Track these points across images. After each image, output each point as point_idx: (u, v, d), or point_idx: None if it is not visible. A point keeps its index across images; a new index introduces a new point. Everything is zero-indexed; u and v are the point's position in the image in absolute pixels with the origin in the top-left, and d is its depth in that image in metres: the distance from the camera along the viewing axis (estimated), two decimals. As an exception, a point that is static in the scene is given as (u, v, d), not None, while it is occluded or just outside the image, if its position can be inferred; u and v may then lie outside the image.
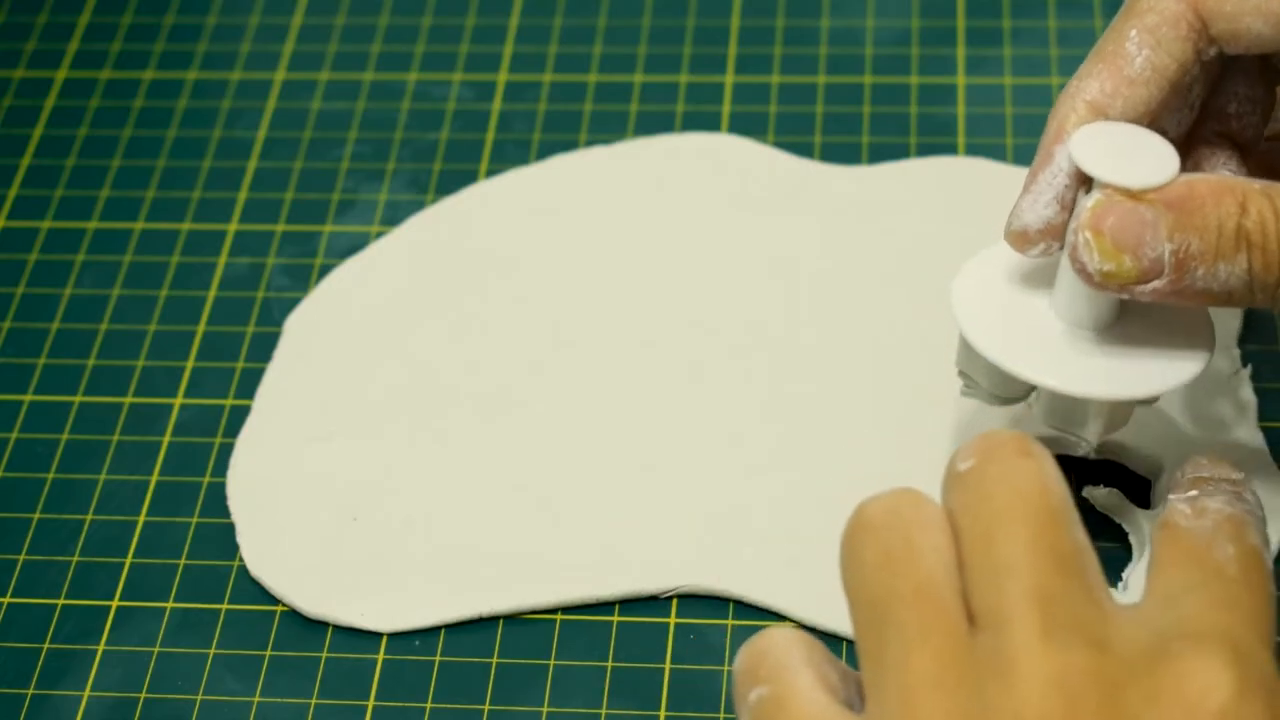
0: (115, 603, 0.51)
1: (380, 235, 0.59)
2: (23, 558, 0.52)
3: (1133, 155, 0.42)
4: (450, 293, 0.57)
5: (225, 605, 0.51)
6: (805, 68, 0.64)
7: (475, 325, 0.56)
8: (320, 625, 0.50)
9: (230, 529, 0.52)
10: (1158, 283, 0.41)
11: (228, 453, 0.54)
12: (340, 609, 0.50)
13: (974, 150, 0.60)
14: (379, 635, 0.50)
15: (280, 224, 0.60)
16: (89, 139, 0.64)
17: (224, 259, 0.59)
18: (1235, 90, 0.46)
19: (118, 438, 0.55)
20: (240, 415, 0.55)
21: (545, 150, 0.62)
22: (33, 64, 0.67)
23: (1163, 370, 0.44)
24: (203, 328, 0.57)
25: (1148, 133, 0.43)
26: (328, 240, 0.60)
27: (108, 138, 0.64)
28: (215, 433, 0.55)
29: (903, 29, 0.64)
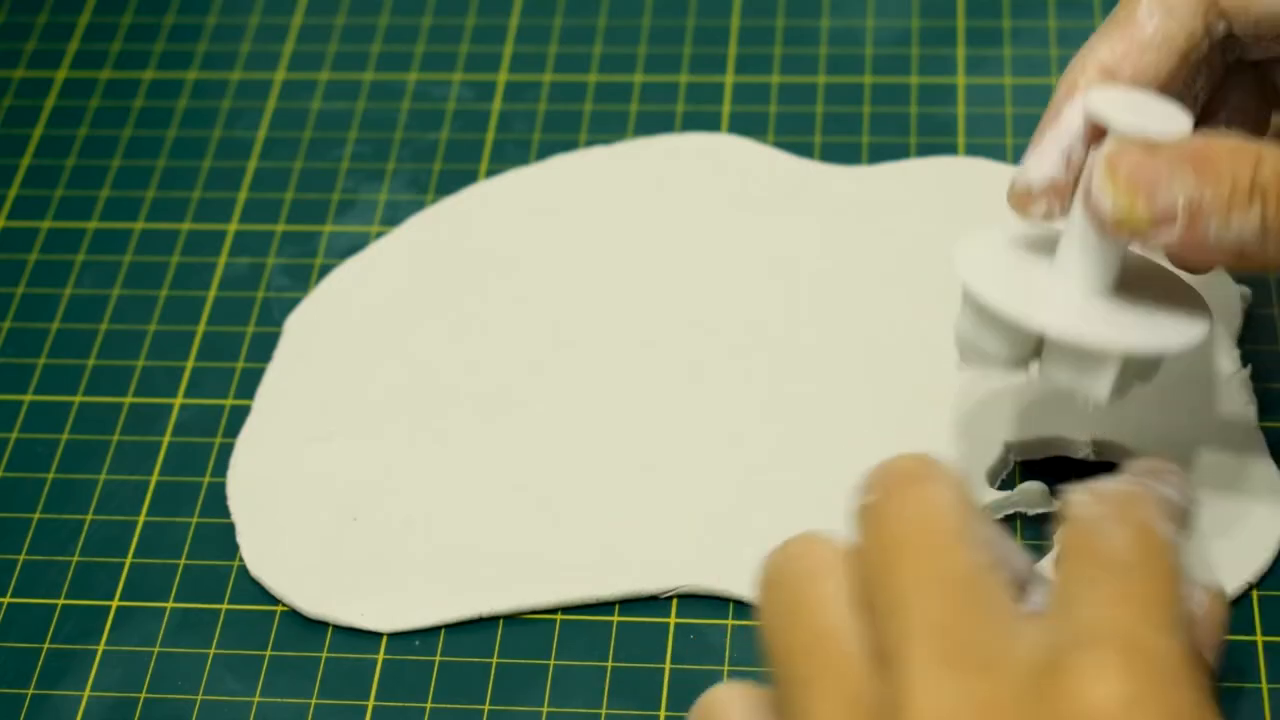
0: (115, 603, 0.51)
1: (380, 235, 0.59)
2: (23, 558, 0.52)
3: (1147, 112, 0.42)
4: (450, 293, 0.57)
5: (225, 605, 0.51)
6: (805, 68, 0.64)
7: (475, 325, 0.56)
8: (320, 625, 0.50)
9: (230, 529, 0.52)
10: (1170, 231, 0.41)
11: (228, 453, 0.54)
12: (340, 609, 0.50)
13: (974, 150, 0.60)
14: (379, 635, 0.50)
15: (280, 224, 0.60)
16: (89, 139, 0.64)
17: (224, 259, 0.59)
18: (1229, 98, 0.46)
19: (118, 438, 0.55)
20: (240, 415, 0.55)
21: (545, 150, 0.62)
22: (33, 64, 0.67)
23: (1171, 331, 0.43)
24: (203, 328, 0.57)
25: (1159, 96, 0.43)
26: (328, 240, 0.60)
27: (108, 138, 0.64)
28: (215, 433, 0.55)
29: (903, 29, 0.64)
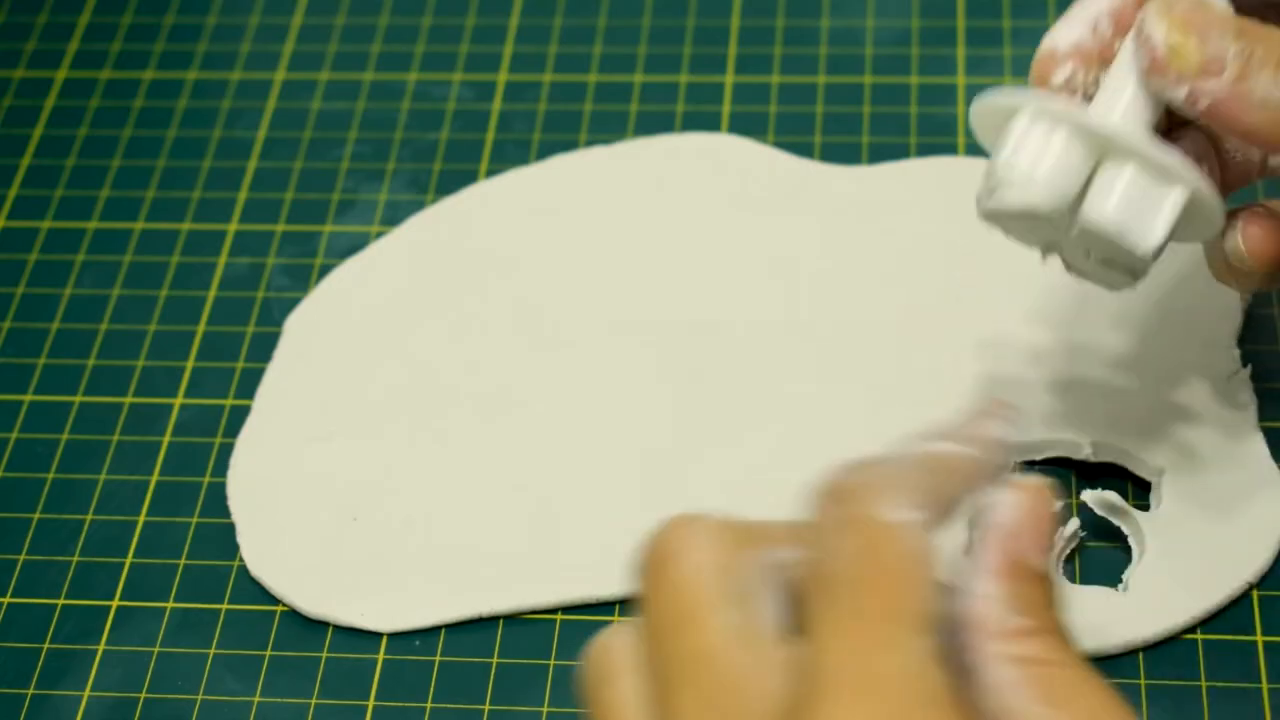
0: (115, 603, 0.51)
1: (380, 235, 0.59)
2: (23, 558, 0.52)
3: None
4: (450, 293, 0.57)
5: (225, 605, 0.51)
6: (805, 68, 0.63)
7: (475, 325, 0.56)
8: (320, 625, 0.50)
9: (230, 529, 0.52)
10: (1217, 82, 0.40)
11: (228, 453, 0.54)
12: (340, 609, 0.50)
13: (974, 150, 0.60)
14: (379, 635, 0.50)
15: (280, 224, 0.60)
16: (89, 139, 0.64)
17: (224, 259, 0.59)
18: None
19: (118, 438, 0.55)
20: (240, 415, 0.55)
21: (545, 150, 0.62)
22: (33, 64, 0.67)
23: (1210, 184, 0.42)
24: (203, 328, 0.57)
25: None
26: (328, 240, 0.60)
27: (108, 138, 0.64)
28: (215, 433, 0.55)
29: (903, 29, 0.64)
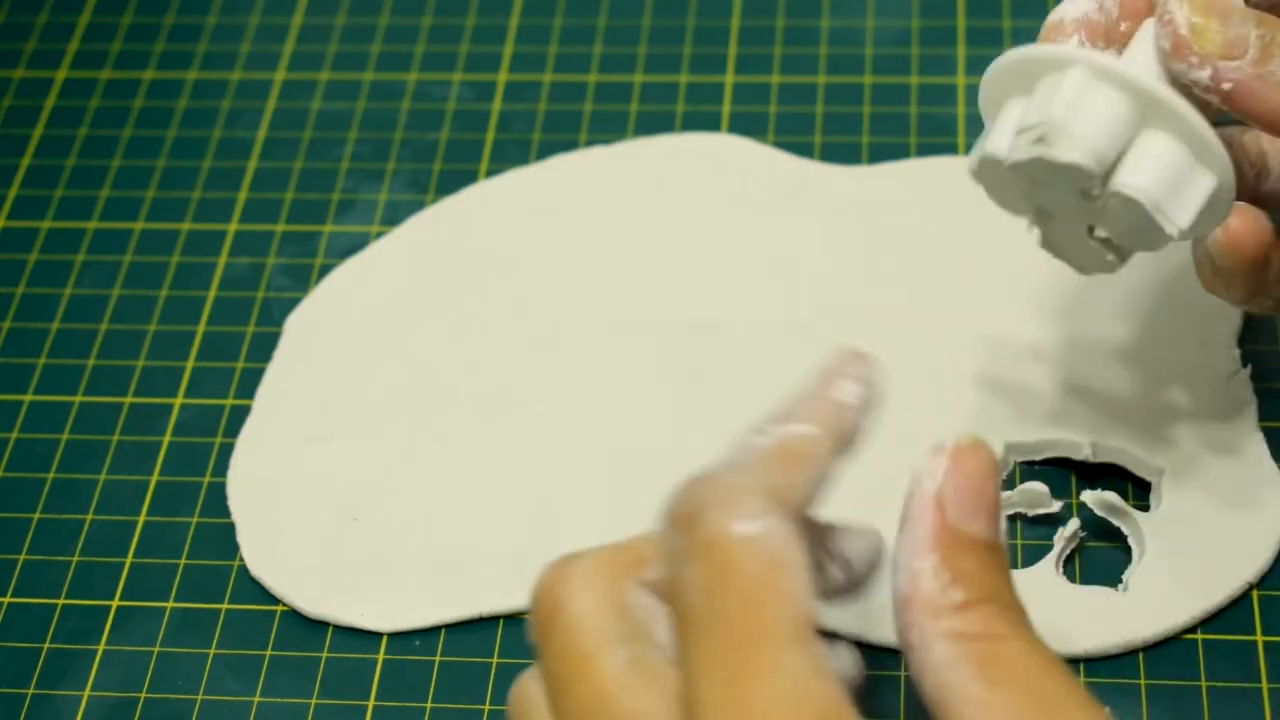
0: (115, 603, 0.51)
1: (380, 235, 0.59)
2: (23, 558, 0.52)
3: None
4: (450, 293, 0.57)
5: (225, 605, 0.51)
6: (805, 68, 0.63)
7: (475, 325, 0.56)
8: (320, 625, 0.50)
9: (230, 529, 0.52)
10: (1239, 64, 0.41)
11: (228, 453, 0.54)
12: (340, 609, 0.50)
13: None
14: (379, 635, 0.50)
15: (280, 224, 0.60)
16: (89, 139, 0.64)
17: (224, 259, 0.59)
18: None
19: (118, 438, 0.55)
20: (240, 415, 0.55)
21: (545, 150, 0.62)
22: (33, 64, 0.67)
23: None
24: (203, 328, 0.57)
25: None
26: (328, 240, 0.60)
27: (108, 138, 0.64)
28: (215, 433, 0.55)
29: (903, 29, 0.64)
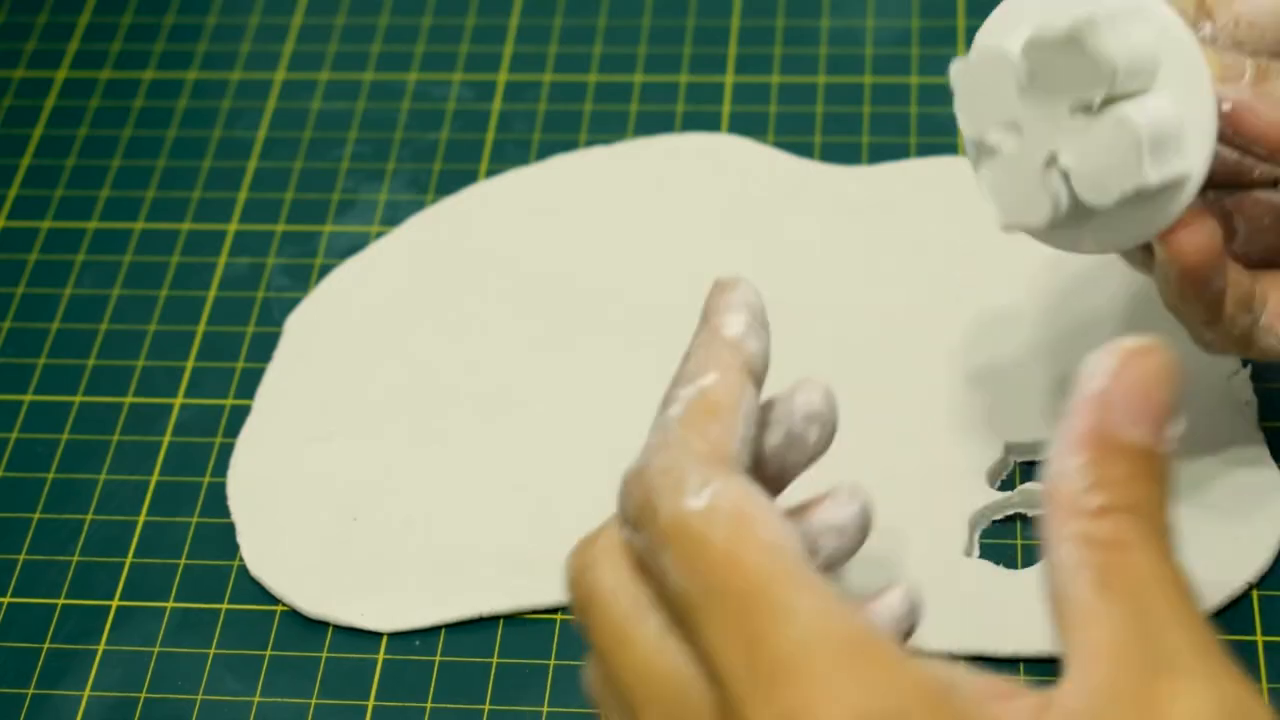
0: (115, 603, 0.51)
1: (380, 235, 0.59)
2: (23, 558, 0.52)
3: None
4: (450, 293, 0.57)
5: (225, 605, 0.51)
6: (805, 68, 0.63)
7: (475, 325, 0.56)
8: (320, 625, 0.50)
9: (230, 529, 0.52)
10: (1237, 86, 0.41)
11: (228, 453, 0.54)
12: (340, 609, 0.50)
13: (974, 150, 0.60)
14: (379, 635, 0.49)
15: (280, 224, 0.60)
16: (89, 139, 0.64)
17: (224, 259, 0.59)
18: None
19: (118, 438, 0.55)
20: (240, 415, 0.55)
21: (545, 150, 0.62)
22: (33, 64, 0.67)
23: None
24: (203, 328, 0.57)
25: None
26: (328, 240, 0.60)
27: (108, 138, 0.64)
28: (215, 433, 0.55)
29: (903, 29, 0.64)
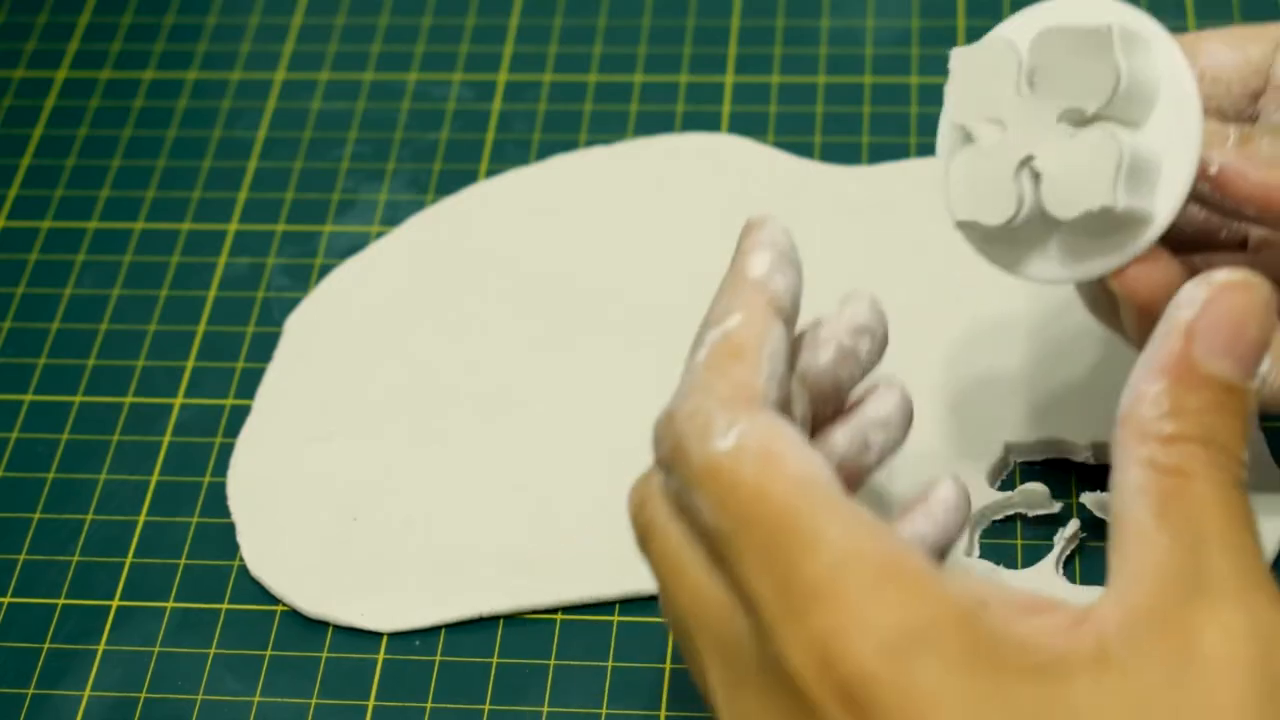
0: (115, 603, 0.51)
1: (380, 235, 0.59)
2: (23, 558, 0.52)
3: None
4: (450, 293, 0.57)
5: (225, 605, 0.51)
6: (805, 68, 0.63)
7: (475, 325, 0.56)
8: (320, 625, 0.50)
9: (230, 529, 0.52)
10: (1223, 149, 0.41)
11: (228, 453, 0.54)
12: (340, 609, 0.50)
13: (974, 150, 0.60)
14: (379, 635, 0.50)
15: (280, 224, 0.60)
16: (89, 139, 0.64)
17: (224, 259, 0.59)
18: None
19: (118, 438, 0.55)
20: (240, 415, 0.55)
21: (545, 150, 0.62)
22: (33, 64, 0.67)
23: None
24: (203, 328, 0.57)
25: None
26: (328, 240, 0.60)
27: (108, 138, 0.64)
28: (215, 433, 0.55)
29: (903, 29, 0.64)
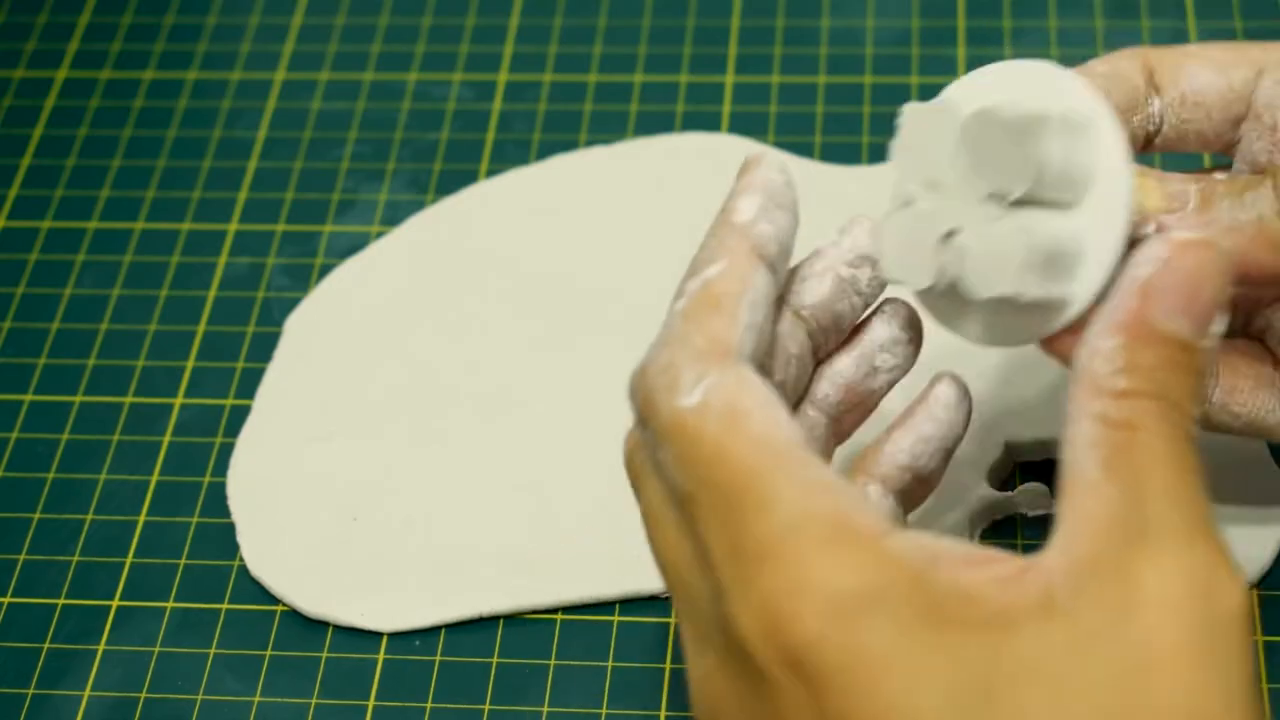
0: (115, 603, 0.51)
1: (380, 235, 0.59)
2: (23, 558, 0.52)
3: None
4: (450, 293, 0.57)
5: (225, 605, 0.51)
6: (805, 68, 0.64)
7: (475, 325, 0.56)
8: (320, 625, 0.50)
9: (230, 529, 0.52)
10: (1181, 216, 0.40)
11: (228, 453, 0.54)
12: (340, 609, 0.50)
13: (974, 150, 0.60)
14: (379, 635, 0.50)
15: (280, 224, 0.60)
16: (89, 139, 0.64)
17: (224, 259, 0.59)
18: None
19: (118, 438, 0.55)
20: (240, 415, 0.55)
21: (545, 150, 0.62)
22: (33, 64, 0.67)
23: None
24: (203, 328, 0.57)
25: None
26: (328, 240, 0.60)
27: (108, 138, 0.64)
28: (215, 433, 0.55)
29: (903, 29, 0.64)
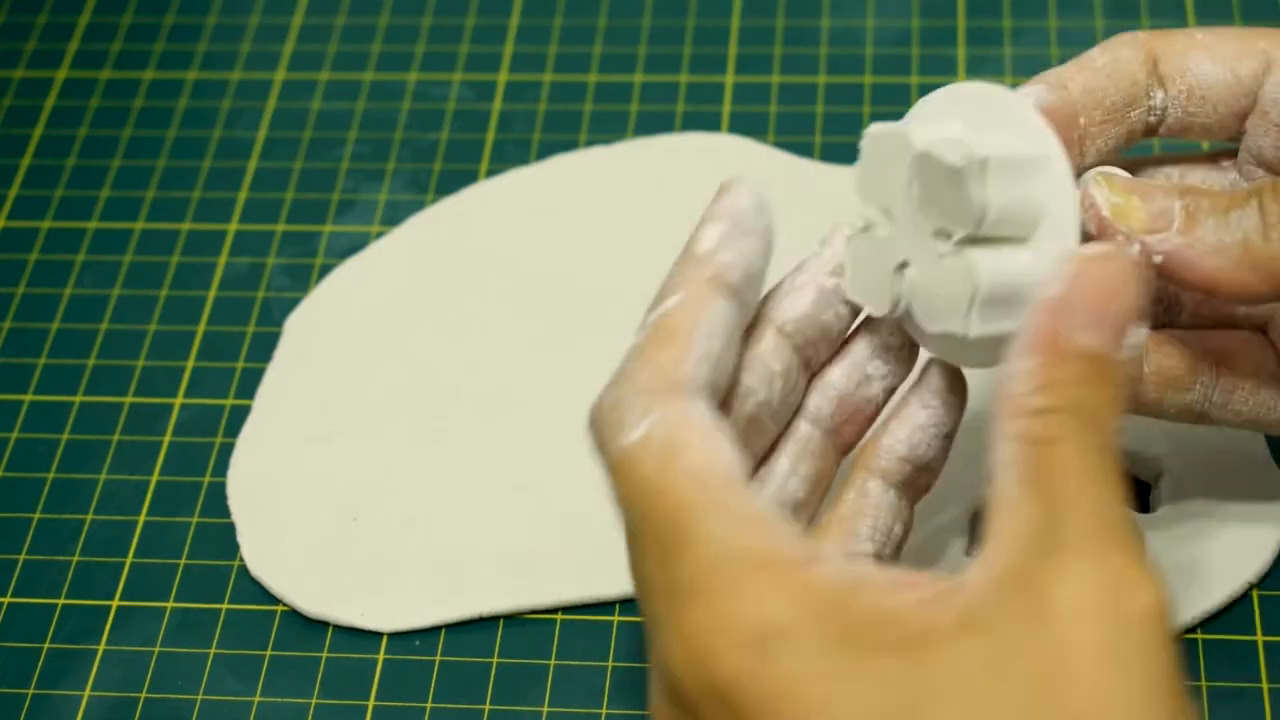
0: (115, 603, 0.51)
1: (380, 235, 0.59)
2: (23, 558, 0.52)
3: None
4: (450, 293, 0.57)
5: (225, 605, 0.51)
6: (805, 68, 0.63)
7: (475, 325, 0.56)
8: (320, 625, 0.50)
9: (230, 529, 0.52)
10: (1165, 236, 0.40)
11: (228, 453, 0.54)
12: (340, 609, 0.50)
13: (974, 150, 0.60)
14: (379, 635, 0.50)
15: (280, 224, 0.60)
16: (89, 139, 0.64)
17: (224, 259, 0.59)
18: None
19: (118, 438, 0.55)
20: (240, 415, 0.55)
21: (545, 150, 0.62)
22: (33, 64, 0.67)
23: None
24: (203, 328, 0.57)
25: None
26: (328, 240, 0.60)
27: (108, 138, 0.64)
28: (215, 433, 0.55)
29: (903, 29, 0.64)
